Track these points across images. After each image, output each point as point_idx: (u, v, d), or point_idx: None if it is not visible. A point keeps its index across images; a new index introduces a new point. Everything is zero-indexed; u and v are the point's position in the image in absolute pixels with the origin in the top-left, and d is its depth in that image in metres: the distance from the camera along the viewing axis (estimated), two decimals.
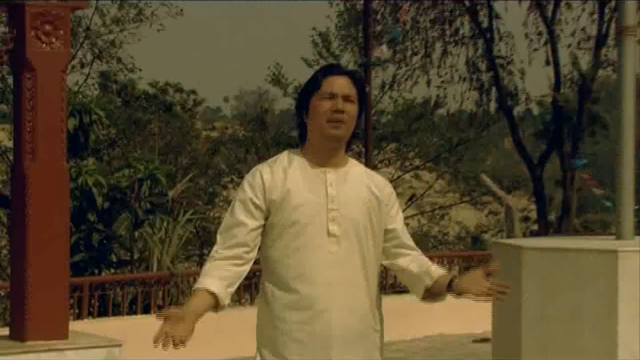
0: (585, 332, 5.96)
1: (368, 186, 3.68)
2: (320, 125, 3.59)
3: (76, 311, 10.19)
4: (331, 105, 3.57)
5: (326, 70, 3.72)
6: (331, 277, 3.53)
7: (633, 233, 6.74)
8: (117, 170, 13.81)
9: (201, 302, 3.62)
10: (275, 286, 3.59)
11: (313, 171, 3.62)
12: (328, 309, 3.53)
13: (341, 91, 3.59)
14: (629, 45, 6.71)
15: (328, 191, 3.59)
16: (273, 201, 3.57)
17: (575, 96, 18.76)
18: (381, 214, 3.67)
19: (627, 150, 6.67)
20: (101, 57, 24.69)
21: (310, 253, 3.54)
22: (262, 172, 3.62)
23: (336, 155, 3.65)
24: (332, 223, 3.56)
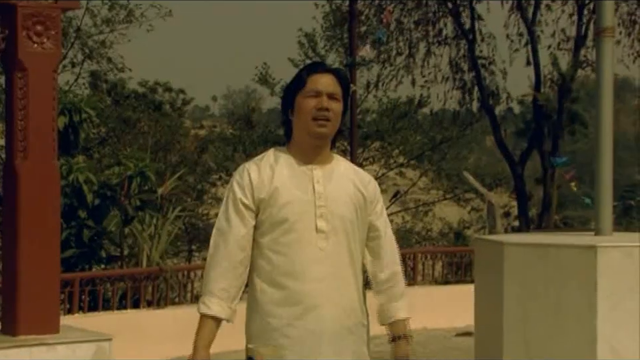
0: (565, 326, 5.98)
1: (354, 182, 3.66)
2: (305, 122, 3.56)
3: (67, 305, 10.17)
4: (315, 102, 3.55)
5: (311, 68, 3.69)
6: (320, 273, 3.51)
7: (611, 228, 6.77)
8: (107, 167, 13.78)
9: (211, 333, 3.73)
10: (265, 282, 3.56)
11: (300, 168, 3.59)
12: (318, 305, 3.51)
13: (325, 88, 3.57)
14: (607, 46, 6.73)
15: (315, 187, 3.56)
16: (262, 199, 3.53)
17: (554, 95, 18.82)
18: (366, 210, 3.65)
19: (605, 148, 6.69)
20: (91, 57, 24.66)
21: (299, 250, 3.52)
22: (249, 170, 3.58)
23: (322, 152, 3.62)
24: (320, 219, 3.54)
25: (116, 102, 25.40)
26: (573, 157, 26.70)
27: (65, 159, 12.10)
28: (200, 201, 24.77)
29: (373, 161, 25.94)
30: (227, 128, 28.79)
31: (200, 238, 24.26)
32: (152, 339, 10.23)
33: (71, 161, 12.48)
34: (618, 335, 6.08)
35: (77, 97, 14.10)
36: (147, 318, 10.49)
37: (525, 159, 19.69)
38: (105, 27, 24.25)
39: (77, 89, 23.98)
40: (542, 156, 18.97)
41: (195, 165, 25.24)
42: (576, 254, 6.14)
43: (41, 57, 6.86)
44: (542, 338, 6.03)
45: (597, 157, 6.72)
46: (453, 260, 14.02)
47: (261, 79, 25.35)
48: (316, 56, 23.93)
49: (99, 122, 18.19)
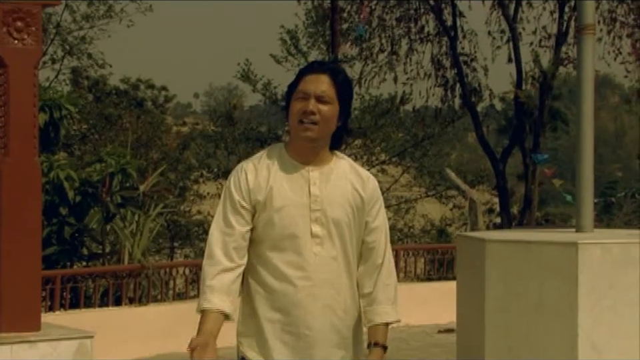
0: (546, 321, 6.01)
1: (352, 182, 3.56)
2: (293, 125, 3.49)
3: (48, 303, 10.14)
4: (302, 105, 3.46)
5: (306, 68, 3.59)
6: (314, 279, 3.46)
7: (592, 225, 6.81)
8: (89, 164, 13.73)
9: (215, 324, 3.51)
10: (259, 285, 3.51)
11: (297, 169, 3.51)
12: (311, 311, 3.46)
13: (314, 91, 3.46)
14: (588, 43, 6.77)
15: (311, 190, 3.49)
16: (258, 201, 3.46)
17: (536, 92, 18.89)
18: (364, 210, 3.57)
19: (586, 145, 6.73)
20: (71, 53, 24.62)
21: (293, 255, 3.45)
22: (246, 171, 3.51)
23: (318, 153, 3.54)
24: (315, 224, 3.46)
25: (97, 98, 25.34)
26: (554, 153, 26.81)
27: (46, 155, 12.06)
28: (182, 198, 24.72)
29: (355, 158, 25.94)
30: (209, 125, 28.75)
31: (182, 235, 24.24)
32: (134, 336, 10.22)
33: (52, 157, 12.44)
34: (599, 331, 6.13)
35: (57, 94, 14.06)
36: (128, 315, 10.47)
37: (507, 155, 19.75)
38: (84, 22, 24.22)
39: (58, 85, 23.98)
40: (523, 153, 19.04)
41: (176, 162, 25.19)
42: (557, 251, 6.18)
43: (21, 53, 6.84)
44: (523, 334, 6.06)
45: (577, 154, 6.76)
46: (435, 257, 14.05)
47: (243, 75, 25.31)
48: (298, 53, 23.92)
49: (80, 118, 18.14)
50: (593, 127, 6.81)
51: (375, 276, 3.60)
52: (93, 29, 24.34)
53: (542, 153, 17.89)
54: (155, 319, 10.52)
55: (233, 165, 25.62)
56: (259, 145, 26.10)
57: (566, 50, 18.41)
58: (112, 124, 23.50)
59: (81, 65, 25.28)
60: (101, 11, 24.15)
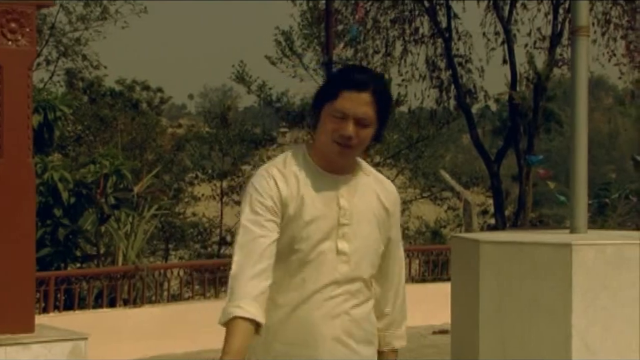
0: (540, 322, 6.01)
1: (377, 194, 3.29)
2: (326, 142, 3.16)
3: (42, 304, 10.13)
4: (339, 127, 3.12)
5: (347, 80, 3.18)
6: (335, 301, 3.17)
7: (586, 226, 6.82)
8: (83, 166, 13.73)
9: (245, 338, 3.00)
10: (276, 305, 3.17)
11: (324, 179, 3.20)
12: (331, 336, 3.17)
13: (354, 113, 3.12)
14: (582, 45, 6.78)
15: (340, 202, 3.18)
16: (287, 213, 3.14)
17: (530, 94, 18.89)
18: (388, 223, 3.31)
19: (580, 146, 6.74)
20: (66, 55, 24.61)
21: (314, 271, 3.15)
22: (275, 179, 3.15)
23: (346, 163, 3.24)
24: (342, 239, 3.17)
25: (92, 100, 25.32)
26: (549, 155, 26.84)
27: (40, 157, 12.05)
28: (176, 200, 24.71)
29: None
30: (203, 126, 28.75)
31: (176, 237, 24.21)
32: (128, 337, 10.21)
33: (46, 159, 12.44)
34: (592, 332, 6.13)
35: (51, 95, 14.05)
36: (123, 317, 10.46)
37: (501, 157, 19.76)
38: (79, 24, 24.23)
39: (52, 86, 23.95)
40: (518, 154, 19.05)
41: (171, 164, 25.19)
42: (551, 252, 6.18)
43: (15, 55, 6.83)
44: (517, 335, 6.06)
45: (572, 155, 6.77)
46: (429, 258, 14.06)
47: (237, 77, 25.33)
48: (293, 54, 23.93)
49: (75, 120, 18.15)
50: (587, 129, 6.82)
51: (393, 295, 3.41)
52: (87, 30, 24.35)
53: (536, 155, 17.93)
54: (150, 321, 10.51)
55: (227, 166, 25.67)
56: (253, 146, 26.11)
57: (560, 51, 18.44)
58: (107, 125, 23.48)
59: (75, 66, 25.28)
60: (96, 12, 24.16)
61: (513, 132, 19.11)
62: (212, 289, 12.00)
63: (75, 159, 19.20)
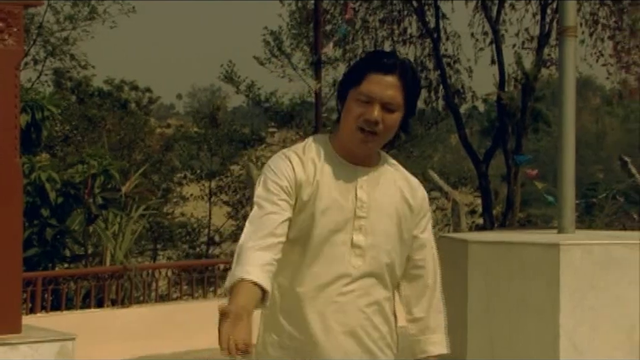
0: (528, 322, 6.02)
1: (401, 189, 3.13)
2: (350, 128, 3.02)
3: (29, 305, 10.09)
4: (364, 111, 2.98)
5: (372, 63, 3.05)
6: (351, 299, 3.01)
7: (574, 226, 6.83)
8: (71, 166, 13.68)
9: (251, 298, 2.80)
10: (280, 289, 3.04)
11: (343, 169, 3.05)
12: (336, 332, 3.01)
13: (381, 96, 2.97)
14: (570, 45, 6.79)
15: (358, 194, 3.03)
16: (301, 199, 3.00)
17: (518, 94, 18.93)
18: (412, 223, 3.14)
19: (568, 146, 6.75)
20: (54, 54, 24.53)
21: (327, 264, 3.00)
22: (292, 162, 3.02)
23: (369, 154, 3.11)
24: (358, 232, 3.01)
25: (80, 100, 25.26)
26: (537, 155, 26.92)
27: (27, 157, 12.01)
28: (165, 200, 24.67)
29: None
30: (192, 126, 28.71)
31: (165, 237, 24.17)
32: (116, 338, 10.19)
33: (34, 159, 12.40)
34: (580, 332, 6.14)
35: (39, 95, 14.01)
36: (110, 317, 10.43)
37: (489, 157, 19.79)
38: (67, 23, 24.16)
39: (40, 86, 23.89)
40: (506, 154, 19.09)
41: (159, 164, 25.14)
42: (539, 252, 6.19)
43: (2, 54, 6.80)
44: (506, 334, 6.07)
45: (559, 155, 6.78)
46: None
47: (226, 77, 25.30)
48: (281, 54, 23.91)
49: (63, 120, 18.10)
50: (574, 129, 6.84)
51: (426, 299, 3.20)
52: (75, 29, 24.29)
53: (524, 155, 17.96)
54: (137, 321, 10.49)
55: (215, 166, 25.64)
56: (241, 146, 26.08)
57: (548, 52, 18.48)
58: (95, 125, 23.42)
59: (63, 66, 25.22)
60: (84, 12, 24.11)
61: (501, 132, 19.15)
62: (200, 289, 11.97)
63: (62, 159, 19.14)
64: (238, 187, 24.44)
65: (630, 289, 6.32)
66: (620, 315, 6.26)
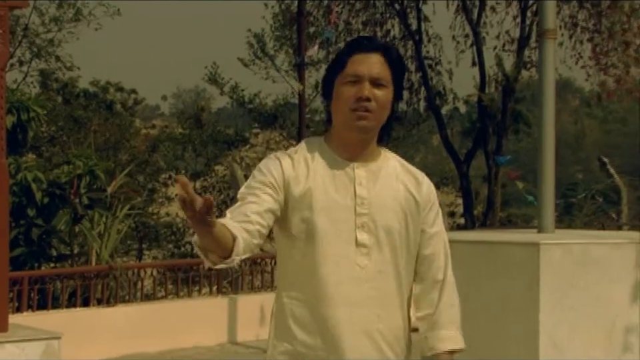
0: (509, 320, 6.04)
1: (404, 183, 2.97)
2: (343, 114, 2.89)
3: (15, 304, 10.04)
4: (355, 90, 2.86)
5: (353, 45, 2.96)
6: (357, 296, 2.84)
7: (553, 226, 6.85)
8: (57, 166, 13.63)
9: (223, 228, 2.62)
10: (299, 306, 2.88)
11: (340, 166, 2.91)
12: (351, 336, 2.84)
13: (369, 73, 2.87)
14: (549, 47, 6.82)
15: (357, 190, 2.88)
16: (293, 197, 2.85)
17: (499, 95, 18.98)
18: (419, 218, 2.97)
19: (547, 147, 6.78)
20: (39, 56, 24.44)
21: (332, 266, 2.83)
22: (281, 161, 2.90)
23: (366, 147, 2.94)
24: (361, 230, 2.85)
25: (66, 101, 25.17)
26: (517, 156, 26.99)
27: (14, 157, 11.95)
28: (150, 200, 24.60)
29: None
30: (177, 127, 28.65)
31: (150, 237, 24.11)
32: (102, 337, 10.15)
33: (20, 159, 12.34)
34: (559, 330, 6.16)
35: (25, 96, 13.94)
36: (96, 316, 10.39)
37: (470, 158, 19.84)
38: (53, 25, 24.08)
39: (26, 87, 23.79)
40: (486, 155, 19.14)
41: (145, 164, 25.07)
42: (519, 251, 6.21)
43: None
44: (486, 333, 6.09)
45: (539, 156, 6.81)
46: None
47: (210, 78, 25.26)
48: (265, 56, 23.90)
49: (49, 120, 18.02)
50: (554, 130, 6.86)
51: (436, 295, 3.01)
52: (61, 31, 24.21)
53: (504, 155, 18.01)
54: (123, 320, 10.46)
55: (200, 166, 25.59)
56: (226, 147, 26.04)
57: (528, 54, 18.54)
58: (80, 126, 23.34)
59: (49, 67, 25.12)
60: (69, 14, 24.03)
61: (482, 133, 19.20)
62: (185, 289, 11.95)
63: (48, 160, 19.06)
64: (222, 187, 24.40)
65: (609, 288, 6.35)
66: (599, 314, 6.28)
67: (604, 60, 17.48)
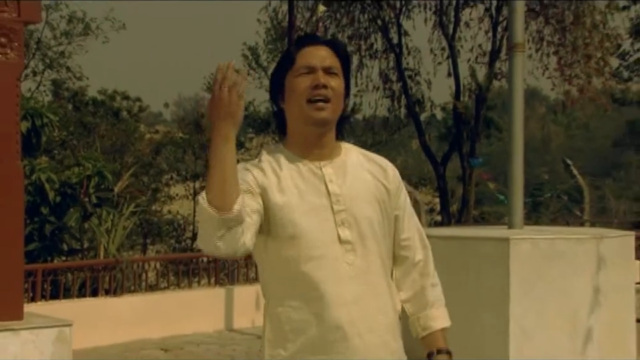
0: (481, 308, 6.04)
1: (371, 172, 2.71)
2: (299, 107, 2.60)
3: (30, 294, 10.01)
4: (310, 80, 2.59)
5: (300, 41, 2.71)
6: (352, 294, 2.58)
7: (522, 222, 6.86)
8: (68, 168, 13.59)
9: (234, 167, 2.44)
10: (294, 313, 2.60)
11: (306, 168, 2.63)
12: (352, 334, 2.59)
13: (321, 62, 2.62)
14: (518, 60, 6.83)
15: (329, 189, 2.61)
16: (270, 206, 2.56)
17: (472, 103, 19.03)
18: (391, 204, 2.71)
19: (517, 150, 6.78)
20: (51, 67, 24.39)
21: (322, 268, 2.56)
22: (251, 170, 2.61)
23: (327, 143, 2.66)
24: (341, 227, 2.59)
25: (76, 108, 25.11)
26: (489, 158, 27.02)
27: (28, 160, 11.91)
28: (153, 199, 24.56)
29: None
30: (178, 132, 28.60)
31: (153, 232, 24.06)
32: (109, 324, 10.13)
33: (34, 162, 12.30)
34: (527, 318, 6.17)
35: (38, 103, 13.89)
36: (104, 305, 10.37)
37: (447, 160, 19.87)
38: (63, 39, 24.04)
39: (39, 96, 23.71)
40: (461, 157, 19.17)
41: (149, 166, 25.02)
42: (491, 246, 6.21)
43: (4, 67, 6.74)
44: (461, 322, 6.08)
45: (509, 159, 6.82)
46: None
47: (208, 87, 25.21)
48: (258, 67, 23.88)
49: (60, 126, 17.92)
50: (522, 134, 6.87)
51: (417, 276, 2.79)
52: (71, 44, 24.18)
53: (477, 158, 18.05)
54: (129, 309, 10.44)
55: (199, 168, 25.55)
56: None
57: (499, 66, 18.59)
58: (89, 131, 23.28)
59: (60, 77, 25.07)
60: (78, 28, 23.99)
61: (457, 138, 19.23)
62: (186, 280, 11.93)
63: (60, 162, 18.99)
64: None
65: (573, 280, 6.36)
66: (564, 303, 6.29)
67: (568, 71, 17.55)
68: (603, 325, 6.48)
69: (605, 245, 6.51)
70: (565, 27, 17.54)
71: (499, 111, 28.02)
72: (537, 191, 28.42)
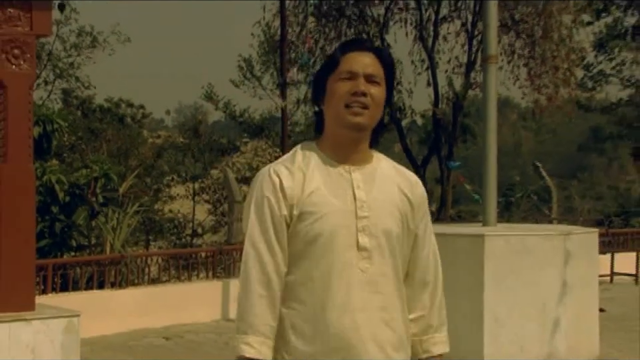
0: (458, 299, 6.06)
1: (399, 185, 2.54)
2: (337, 111, 2.45)
3: (41, 287, 9.98)
4: (350, 86, 2.44)
5: (346, 45, 2.55)
6: (362, 301, 2.41)
7: (495, 220, 6.88)
8: (76, 170, 13.54)
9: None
10: (299, 316, 2.43)
11: (336, 170, 2.47)
12: (358, 342, 2.40)
13: (363, 69, 2.45)
14: (491, 71, 6.85)
15: (356, 194, 2.45)
16: (295, 212, 2.42)
17: (450, 111, 19.06)
18: (413, 219, 2.55)
19: (490, 154, 6.80)
20: (61, 77, 24.36)
21: (338, 273, 2.39)
22: (280, 176, 2.44)
23: (360, 149, 2.51)
24: (362, 234, 2.42)
25: (85, 115, 25.06)
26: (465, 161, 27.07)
27: (40, 162, 11.87)
28: (156, 199, 24.52)
29: None
30: (178, 137, 28.58)
31: (156, 230, 24.02)
32: (114, 314, 10.11)
33: (45, 164, 12.26)
34: (500, 307, 6.19)
35: (49, 110, 13.85)
36: (110, 297, 10.34)
37: (426, 163, 19.90)
38: (73, 51, 24.00)
39: (50, 103, 23.65)
40: (440, 160, 19.20)
41: (151, 169, 24.97)
42: (467, 241, 6.23)
43: (18, 77, 6.72)
44: None
45: (483, 162, 6.84)
46: None
47: (206, 96, 25.17)
48: (253, 77, 23.85)
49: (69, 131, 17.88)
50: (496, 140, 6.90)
51: (426, 297, 2.60)
52: (80, 56, 24.16)
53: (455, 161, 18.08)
54: (132, 301, 10.41)
55: (198, 170, 25.52)
56: (220, 154, 25.98)
57: (474, 76, 18.63)
58: (96, 136, 23.22)
59: (69, 86, 25.04)
60: (87, 41, 23.96)
61: (436, 142, 19.26)
62: (185, 274, 11.92)
63: (69, 164, 18.92)
64: (217, 188, 24.35)
65: (542, 273, 6.38)
66: (534, 294, 6.31)
67: (537, 81, 17.61)
68: (570, 314, 6.50)
69: (571, 241, 6.53)
70: (534, 41, 17.60)
71: (474, 117, 28.12)
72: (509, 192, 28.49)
